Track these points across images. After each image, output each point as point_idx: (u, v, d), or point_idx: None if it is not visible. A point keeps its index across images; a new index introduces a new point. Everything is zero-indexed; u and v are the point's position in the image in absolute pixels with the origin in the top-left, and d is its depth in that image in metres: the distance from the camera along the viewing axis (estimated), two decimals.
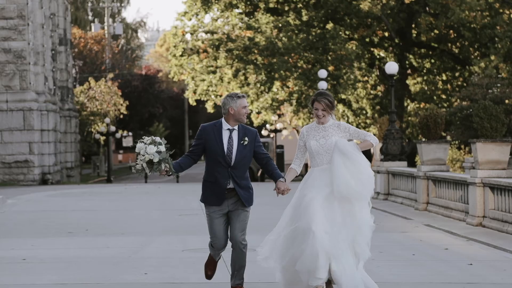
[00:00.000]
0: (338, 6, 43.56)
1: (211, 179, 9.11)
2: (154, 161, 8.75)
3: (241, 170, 9.08)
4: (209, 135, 9.06)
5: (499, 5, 41.71)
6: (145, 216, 20.08)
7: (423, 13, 42.59)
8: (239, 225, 9.13)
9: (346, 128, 9.11)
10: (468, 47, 42.96)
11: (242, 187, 9.10)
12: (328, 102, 9.06)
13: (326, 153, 9.02)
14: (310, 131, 9.16)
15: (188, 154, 9.23)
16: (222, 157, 9.00)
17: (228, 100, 9.07)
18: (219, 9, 45.33)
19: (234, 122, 9.08)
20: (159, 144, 8.81)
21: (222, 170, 9.03)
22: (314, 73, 42.71)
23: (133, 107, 68.20)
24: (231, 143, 9.03)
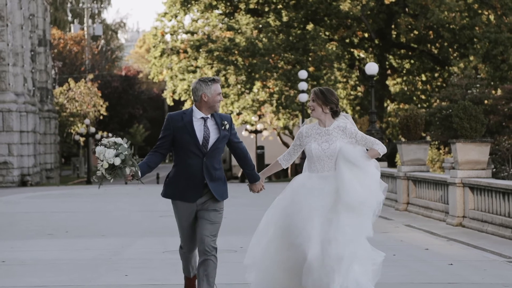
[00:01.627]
0: (318, 7, 43.64)
1: (184, 173, 8.06)
2: (115, 164, 7.70)
3: (214, 159, 8.08)
4: (178, 124, 8.03)
5: (478, 6, 41.91)
6: (126, 218, 20.01)
7: (403, 14, 42.73)
8: (210, 228, 8.08)
9: (352, 133, 8.20)
10: (448, 48, 43.15)
11: (215, 179, 8.09)
12: (319, 92, 8.20)
13: (328, 159, 8.15)
14: (310, 132, 8.28)
15: (155, 149, 8.17)
16: (195, 146, 7.98)
17: (201, 86, 8.02)
18: (199, 10, 45.29)
19: (207, 110, 8.05)
20: (119, 145, 7.77)
21: (196, 161, 8.01)
22: (294, 73, 42.75)
23: (113, 108, 68.00)
24: (207, 131, 8.02)
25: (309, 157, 8.23)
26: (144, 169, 8.04)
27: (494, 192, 15.29)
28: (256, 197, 8.22)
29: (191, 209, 8.13)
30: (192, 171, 8.05)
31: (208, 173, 8.05)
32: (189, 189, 8.08)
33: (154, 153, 8.16)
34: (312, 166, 8.22)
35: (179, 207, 8.17)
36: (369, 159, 8.18)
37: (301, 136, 8.33)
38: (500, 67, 39.71)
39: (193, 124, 8.01)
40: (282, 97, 43.66)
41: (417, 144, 21.45)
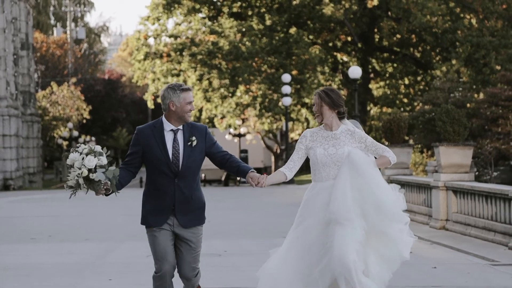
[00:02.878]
0: (301, 11, 43.71)
1: (153, 194, 7.23)
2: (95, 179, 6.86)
3: (190, 178, 7.21)
4: (148, 139, 7.19)
5: (460, 9, 42.10)
6: (109, 222, 19.96)
7: (386, 18, 42.87)
8: (189, 257, 7.29)
9: (362, 138, 7.37)
10: (430, 52, 43.31)
11: (191, 201, 7.23)
12: (325, 95, 7.34)
13: (334, 166, 7.25)
14: (315, 136, 7.41)
15: (124, 165, 7.31)
16: (166, 165, 7.12)
17: (169, 93, 7.17)
18: (182, 14, 45.27)
19: (177, 121, 7.21)
20: (100, 154, 6.91)
21: (167, 181, 7.16)
22: (277, 77, 42.80)
23: (96, 112, 67.83)
24: (177, 147, 7.15)
25: (313, 163, 7.37)
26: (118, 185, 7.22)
27: (477, 195, 15.36)
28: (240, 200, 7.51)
29: (167, 234, 7.28)
30: (162, 193, 7.20)
31: (182, 195, 7.19)
32: (160, 213, 7.24)
33: (123, 169, 7.30)
34: (316, 174, 7.37)
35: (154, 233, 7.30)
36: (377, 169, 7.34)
37: (305, 139, 7.47)
38: (482, 71, 39.89)
39: (164, 139, 7.18)
40: (265, 100, 43.69)
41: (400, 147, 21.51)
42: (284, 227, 6.35)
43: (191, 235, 7.29)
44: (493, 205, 14.72)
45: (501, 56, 39.71)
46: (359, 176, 7.18)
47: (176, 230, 7.24)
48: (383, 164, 7.45)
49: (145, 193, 7.36)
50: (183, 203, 7.21)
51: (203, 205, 7.37)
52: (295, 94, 43.35)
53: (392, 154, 7.42)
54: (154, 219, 7.24)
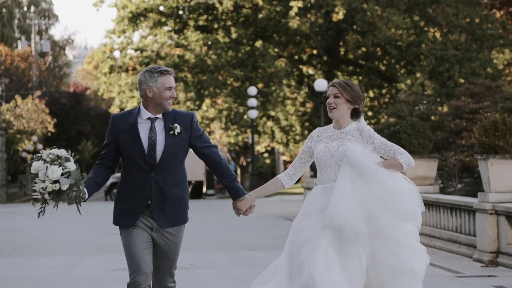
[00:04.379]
0: (267, 24, 43.85)
1: (127, 190, 6.38)
2: (63, 189, 5.92)
3: (170, 173, 6.34)
4: (121, 128, 6.34)
5: (424, 23, 42.47)
6: (75, 235, 19.83)
7: (351, 31, 43.13)
8: (166, 261, 6.53)
9: (370, 136, 6.40)
10: (395, 65, 43.63)
11: (170, 198, 6.36)
12: (345, 85, 6.43)
13: (336, 165, 6.33)
14: (322, 135, 6.53)
15: (100, 161, 6.48)
16: (141, 157, 6.28)
17: (145, 77, 6.37)
18: (148, 27, 45.21)
19: (155, 110, 6.36)
20: (66, 160, 6.03)
21: (143, 175, 6.31)
22: (243, 90, 42.87)
23: (61, 125, 67.42)
24: (153, 137, 6.30)
25: (317, 164, 6.47)
26: (92, 188, 6.33)
27: (442, 207, 15.48)
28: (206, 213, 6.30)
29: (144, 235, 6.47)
30: (136, 189, 6.37)
31: (160, 192, 6.33)
32: (135, 212, 6.39)
33: (100, 166, 6.46)
34: (318, 176, 6.50)
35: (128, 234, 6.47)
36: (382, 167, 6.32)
37: (310, 139, 6.58)
38: (446, 84, 40.24)
39: (138, 127, 6.33)
40: (231, 113, 43.73)
41: None
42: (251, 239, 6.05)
43: (169, 236, 6.45)
44: (458, 217, 14.84)
45: (465, 69, 40.09)
46: (361, 173, 6.22)
47: (154, 231, 6.42)
48: (392, 167, 6.35)
49: (119, 189, 6.50)
50: (160, 200, 6.34)
51: (185, 203, 6.45)
52: (261, 107, 43.44)
53: (406, 156, 6.37)
54: (128, 218, 6.39)
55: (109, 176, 6.52)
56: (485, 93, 26.76)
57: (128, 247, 6.44)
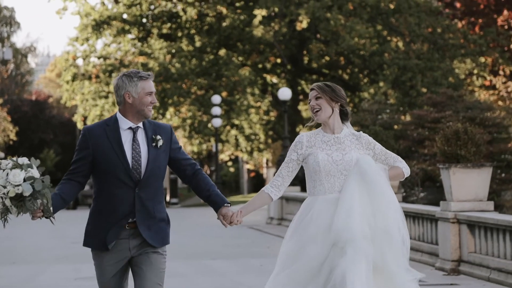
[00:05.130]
0: (231, 33, 43.91)
1: (106, 210, 5.77)
2: (24, 195, 5.37)
3: (152, 189, 5.81)
4: (100, 141, 5.76)
5: (387, 33, 42.78)
6: (37, 245, 19.67)
7: (314, 40, 43.32)
8: (154, 277, 5.85)
9: (369, 143, 6.05)
10: (358, 74, 43.87)
11: (154, 216, 5.83)
12: (324, 86, 6.07)
13: (340, 175, 5.85)
14: (314, 141, 6.00)
15: (69, 176, 5.84)
16: (124, 172, 5.70)
17: (124, 82, 5.81)
18: (111, 34, 45.04)
19: (135, 117, 5.81)
20: (29, 166, 5.51)
21: (125, 192, 5.74)
22: (207, 98, 42.84)
23: (23, 133, 66.90)
24: (137, 149, 5.76)
25: (313, 172, 5.92)
26: (57, 203, 5.71)
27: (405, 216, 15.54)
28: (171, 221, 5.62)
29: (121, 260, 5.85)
30: (118, 207, 5.75)
31: (144, 210, 5.77)
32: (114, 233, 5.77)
33: (68, 181, 5.84)
34: (317, 186, 5.91)
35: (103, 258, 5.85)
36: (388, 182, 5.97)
37: (300, 146, 6.01)
38: (409, 93, 40.54)
39: (121, 139, 5.77)
40: (195, 122, 43.68)
41: None
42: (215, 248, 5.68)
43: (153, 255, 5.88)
44: (421, 225, 14.95)
45: (427, 78, 40.44)
46: (370, 190, 5.82)
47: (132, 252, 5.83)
48: (396, 177, 6.10)
49: (93, 210, 5.86)
50: (145, 218, 5.78)
51: (168, 221, 5.98)
52: (225, 116, 43.45)
53: (405, 165, 6.11)
54: (105, 240, 5.76)
55: (77, 192, 5.90)
56: (447, 102, 27.00)
57: (100, 273, 5.89)
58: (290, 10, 41.76)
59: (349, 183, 5.82)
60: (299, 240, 5.83)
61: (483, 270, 12.48)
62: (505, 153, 25.24)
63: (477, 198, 13.32)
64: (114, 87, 5.90)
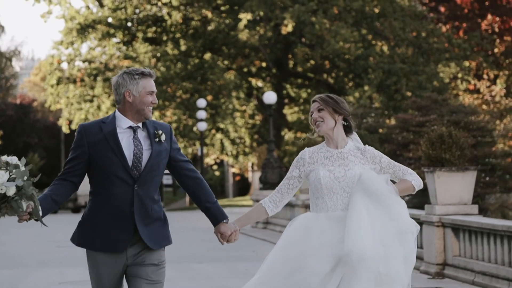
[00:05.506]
0: (216, 37, 43.92)
1: (105, 208, 5.52)
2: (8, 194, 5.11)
3: (152, 187, 5.59)
4: (96, 137, 5.53)
5: (372, 37, 42.90)
6: (21, 249, 19.59)
7: (300, 44, 43.39)
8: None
9: (375, 156, 5.74)
10: (343, 78, 43.97)
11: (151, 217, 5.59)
12: (327, 97, 5.75)
13: (343, 192, 5.61)
14: (316, 157, 5.75)
15: (63, 176, 5.59)
16: (124, 169, 5.47)
17: (125, 80, 5.57)
18: (96, 38, 44.97)
19: (135, 117, 5.58)
20: (15, 167, 5.25)
21: (124, 190, 5.50)
22: (192, 102, 42.83)
23: (7, 137, 66.69)
24: (139, 147, 5.53)
25: (315, 189, 5.69)
26: (48, 205, 5.44)
27: None
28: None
29: (118, 264, 5.58)
30: (117, 206, 5.51)
31: (142, 208, 5.53)
32: (113, 233, 5.52)
33: (62, 181, 5.58)
34: (319, 203, 5.69)
35: (100, 260, 5.60)
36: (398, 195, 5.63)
37: (302, 162, 5.77)
38: (394, 97, 40.67)
39: (118, 136, 5.54)
40: (180, 126, 43.65)
41: None
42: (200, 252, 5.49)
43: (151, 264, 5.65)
44: None
45: (412, 82, 40.58)
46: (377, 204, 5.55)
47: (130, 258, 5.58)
48: (406, 191, 5.72)
49: (90, 208, 5.62)
50: (144, 217, 5.54)
51: (166, 220, 5.72)
52: (210, 119, 43.44)
53: (416, 177, 5.75)
54: (102, 240, 5.52)
55: (71, 193, 5.62)
56: (431, 106, 27.08)
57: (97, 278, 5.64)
58: (275, 14, 41.82)
59: (355, 201, 5.53)
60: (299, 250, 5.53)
61: (468, 273, 12.51)
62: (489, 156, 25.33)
63: (462, 202, 13.36)
64: (113, 85, 5.64)
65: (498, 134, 30.07)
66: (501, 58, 44.56)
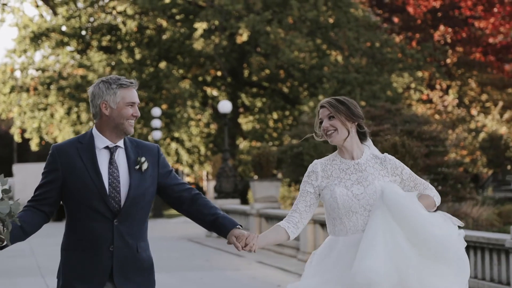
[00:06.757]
0: (171, 45, 43.87)
1: (81, 245, 4.76)
2: None
3: (136, 221, 4.83)
4: (72, 162, 4.76)
5: (326, 46, 43.16)
6: None
7: (255, 53, 43.50)
8: None
9: (396, 167, 5.03)
10: (298, 87, 44.15)
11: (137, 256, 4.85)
12: (338, 103, 5.08)
13: (364, 210, 4.90)
14: (330, 170, 5.04)
15: (32, 204, 4.80)
16: (100, 200, 4.72)
17: (101, 90, 4.87)
18: (50, 47, 44.65)
19: (114, 134, 4.85)
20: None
21: (102, 225, 4.73)
22: (147, 111, 42.68)
23: None
24: (115, 173, 4.77)
25: (331, 209, 4.98)
26: (16, 233, 4.65)
27: None
28: None
29: None
30: (93, 243, 4.74)
31: (125, 245, 4.77)
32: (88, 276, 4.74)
33: (32, 210, 4.78)
34: (337, 225, 4.99)
35: None
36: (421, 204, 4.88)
37: (315, 177, 5.05)
38: None
39: (97, 160, 4.77)
40: (135, 135, 43.48)
41: (269, 181, 21.80)
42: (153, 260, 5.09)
43: None
44: None
45: (366, 92, 40.87)
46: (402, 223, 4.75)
47: None
48: (427, 207, 4.94)
49: (65, 247, 4.85)
50: (126, 259, 4.78)
51: (152, 263, 5.02)
52: (165, 128, 43.33)
53: (436, 192, 5.09)
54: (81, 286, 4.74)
55: (41, 225, 4.81)
56: (385, 115, 27.31)
57: None
58: (230, 24, 41.88)
59: (373, 220, 4.80)
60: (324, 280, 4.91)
61: None
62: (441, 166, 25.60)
63: None
64: (89, 96, 4.96)
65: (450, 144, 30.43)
66: (453, 69, 45.15)
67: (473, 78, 44.76)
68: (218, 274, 15.33)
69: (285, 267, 16.45)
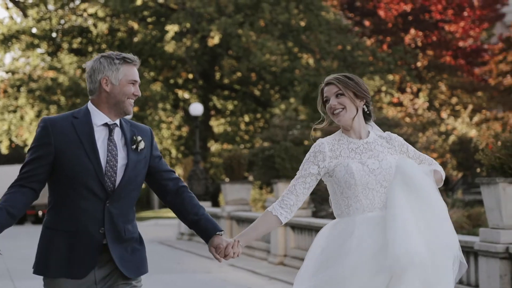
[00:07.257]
0: (142, 48, 43.78)
1: (69, 226, 4.49)
2: None
3: (127, 203, 4.61)
4: (66, 137, 4.48)
5: (298, 49, 43.26)
6: None
7: (226, 56, 43.51)
8: None
9: (402, 145, 4.83)
10: (269, 90, 44.22)
11: (125, 239, 4.59)
12: (346, 78, 4.71)
13: (380, 187, 4.63)
14: (339, 149, 4.74)
15: (20, 183, 4.49)
16: (96, 179, 4.45)
17: (102, 64, 4.69)
18: (20, 49, 44.39)
19: (113, 112, 4.62)
20: None
21: (94, 205, 4.48)
22: None
23: None
24: (114, 150, 4.53)
25: (346, 187, 4.66)
26: (3, 221, 4.35)
27: (315, 231, 15.75)
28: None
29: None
30: (83, 224, 4.49)
31: (114, 228, 4.52)
32: (77, 256, 4.48)
33: (19, 189, 4.47)
34: (352, 204, 4.66)
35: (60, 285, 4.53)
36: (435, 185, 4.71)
37: (322, 157, 4.74)
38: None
39: (94, 137, 4.50)
40: None
41: (240, 184, 21.81)
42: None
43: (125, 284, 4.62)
44: None
45: None
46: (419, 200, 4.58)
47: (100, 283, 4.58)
48: (437, 182, 4.79)
49: (49, 225, 4.56)
50: (117, 240, 4.55)
51: (142, 242, 4.75)
52: None
53: (441, 167, 4.91)
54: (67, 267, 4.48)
55: (30, 203, 4.49)
56: None
57: None
58: (202, 26, 41.86)
59: (396, 196, 4.55)
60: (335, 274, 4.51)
61: None
62: None
63: None
64: (87, 71, 4.78)
65: (420, 146, 30.62)
66: (424, 72, 45.43)
67: (443, 81, 45.06)
68: (189, 277, 15.32)
69: (255, 269, 16.48)
